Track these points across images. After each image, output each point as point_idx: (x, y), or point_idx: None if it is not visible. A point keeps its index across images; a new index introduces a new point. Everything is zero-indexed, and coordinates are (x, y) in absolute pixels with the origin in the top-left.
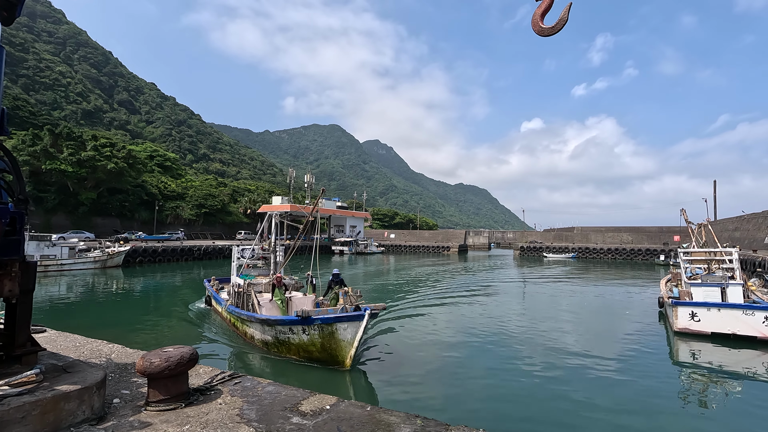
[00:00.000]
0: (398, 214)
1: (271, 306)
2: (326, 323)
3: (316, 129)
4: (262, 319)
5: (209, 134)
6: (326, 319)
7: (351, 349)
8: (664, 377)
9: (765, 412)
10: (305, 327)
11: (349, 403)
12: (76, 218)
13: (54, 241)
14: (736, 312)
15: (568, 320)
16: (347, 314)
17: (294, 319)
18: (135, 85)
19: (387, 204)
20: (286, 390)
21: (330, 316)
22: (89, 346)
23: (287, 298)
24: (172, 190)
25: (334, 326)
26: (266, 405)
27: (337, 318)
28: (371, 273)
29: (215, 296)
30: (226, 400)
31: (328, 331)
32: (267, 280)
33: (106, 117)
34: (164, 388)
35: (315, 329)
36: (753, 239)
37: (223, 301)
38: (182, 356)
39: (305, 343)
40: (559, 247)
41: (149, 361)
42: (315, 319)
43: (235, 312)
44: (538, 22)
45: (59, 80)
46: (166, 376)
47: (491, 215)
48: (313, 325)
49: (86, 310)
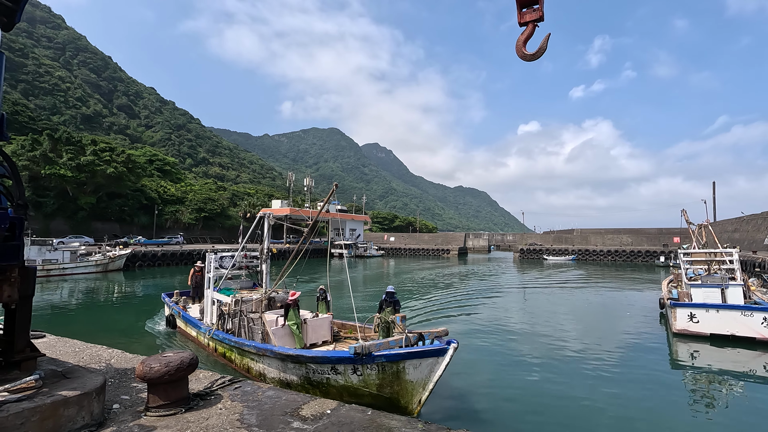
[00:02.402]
0: (398, 217)
1: (283, 333)
2: (392, 361)
3: (315, 133)
4: (287, 354)
5: (208, 138)
6: (393, 356)
7: (423, 393)
8: (663, 378)
9: (763, 412)
10: (358, 366)
11: (349, 408)
12: (75, 223)
13: (55, 246)
14: (735, 313)
15: (569, 322)
16: (422, 348)
17: (345, 356)
18: (134, 89)
19: (386, 207)
20: (287, 395)
21: (399, 352)
22: (89, 351)
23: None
24: (171, 195)
25: (403, 365)
26: (266, 410)
27: (409, 354)
28: (371, 277)
29: (187, 318)
30: (226, 405)
31: (393, 370)
32: (257, 295)
33: (106, 122)
34: (164, 394)
35: (372, 368)
36: (753, 240)
37: (203, 324)
38: (182, 361)
39: (354, 385)
40: (558, 250)
41: (149, 366)
42: (378, 356)
43: (228, 341)
44: (521, 48)
45: (58, 85)
46: (165, 382)
47: (491, 218)
48: (371, 363)
49: (87, 315)
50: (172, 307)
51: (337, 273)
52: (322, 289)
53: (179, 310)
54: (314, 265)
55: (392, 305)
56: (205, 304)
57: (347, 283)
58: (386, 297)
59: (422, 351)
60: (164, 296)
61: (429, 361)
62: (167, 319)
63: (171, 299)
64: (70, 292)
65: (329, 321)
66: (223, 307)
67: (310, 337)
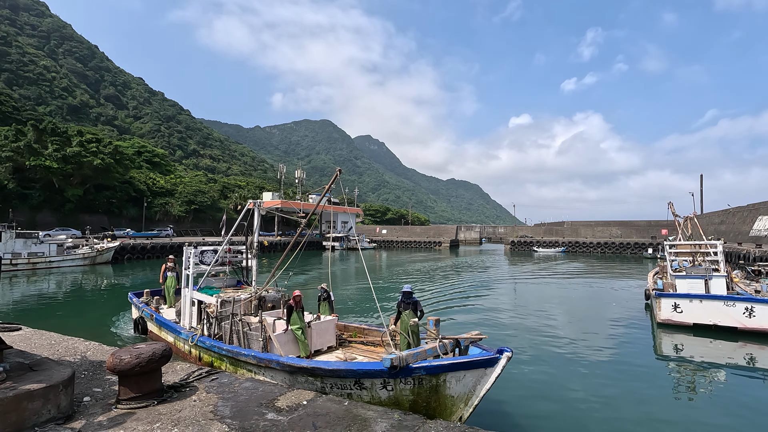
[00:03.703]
0: (390, 210)
1: (286, 339)
2: (432, 374)
3: (307, 125)
4: (299, 367)
5: (199, 130)
6: (434, 368)
7: (464, 410)
8: (646, 367)
9: (743, 399)
10: (390, 380)
11: (326, 398)
12: (62, 215)
13: (41, 238)
14: (717, 303)
15: (556, 312)
16: (470, 358)
17: (376, 369)
18: (122, 79)
19: (379, 199)
20: (264, 386)
21: (442, 363)
22: (65, 344)
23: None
24: (160, 187)
25: (444, 377)
26: (242, 401)
27: (454, 365)
28: (363, 270)
29: (162, 321)
30: (201, 397)
31: (431, 384)
32: (246, 295)
33: (93, 112)
34: (135, 386)
35: (407, 383)
36: (738, 232)
37: (183, 329)
38: (154, 353)
39: (383, 401)
40: (549, 242)
41: (119, 358)
42: (416, 368)
43: (218, 349)
44: None
45: (43, 75)
46: (137, 373)
47: (482, 210)
48: (407, 377)
49: (71, 308)
50: (141, 309)
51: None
52: (324, 288)
53: (151, 313)
54: (304, 258)
55: (411, 307)
56: (182, 306)
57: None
58: (403, 298)
59: (469, 361)
60: (131, 296)
61: (475, 373)
62: (135, 322)
63: (140, 299)
64: (55, 286)
65: (334, 324)
66: (208, 308)
67: (315, 342)
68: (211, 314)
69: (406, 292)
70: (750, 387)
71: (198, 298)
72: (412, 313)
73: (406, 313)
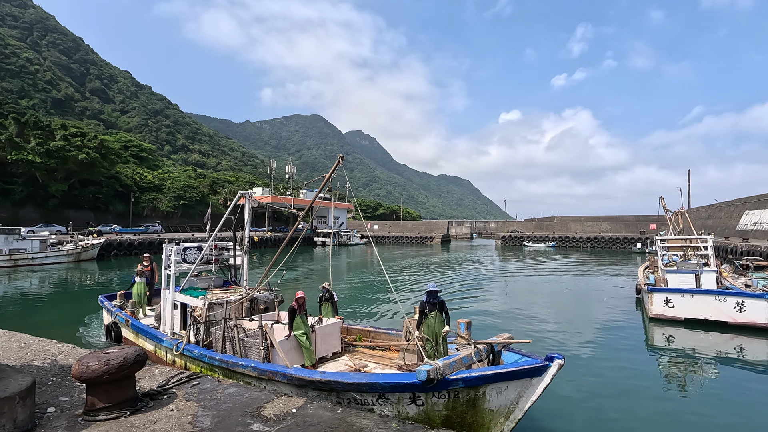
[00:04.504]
0: (381, 205)
1: (289, 347)
2: (472, 386)
3: (297, 119)
4: (311, 380)
5: (188, 125)
6: (474, 380)
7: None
8: (638, 362)
9: (734, 394)
10: (421, 394)
11: (317, 406)
12: (46, 211)
13: (24, 235)
14: (709, 298)
15: (546, 307)
16: (515, 367)
17: (407, 383)
18: (108, 73)
19: (370, 195)
20: (250, 392)
21: (483, 374)
22: (35, 346)
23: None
24: (148, 182)
25: (484, 390)
26: (224, 410)
27: (496, 375)
28: (354, 265)
29: (140, 327)
30: (179, 406)
31: (469, 397)
32: (236, 296)
33: (78, 106)
34: (105, 395)
35: (441, 396)
36: (725, 227)
37: (163, 335)
38: (125, 358)
39: (411, 417)
40: (539, 237)
41: (86, 364)
42: (454, 380)
43: (210, 359)
44: None
45: (26, 67)
46: (106, 381)
47: (473, 206)
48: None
49: (51, 307)
50: (115, 314)
51: (319, 261)
52: (326, 287)
53: (126, 317)
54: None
55: (438, 308)
56: (162, 309)
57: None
58: (428, 298)
59: (514, 371)
60: (102, 299)
61: (519, 384)
62: (108, 329)
63: (112, 303)
64: (38, 283)
65: (339, 327)
66: (195, 312)
67: (319, 349)
68: (199, 319)
69: (432, 292)
70: (742, 380)
71: (182, 301)
72: (440, 316)
73: (431, 315)
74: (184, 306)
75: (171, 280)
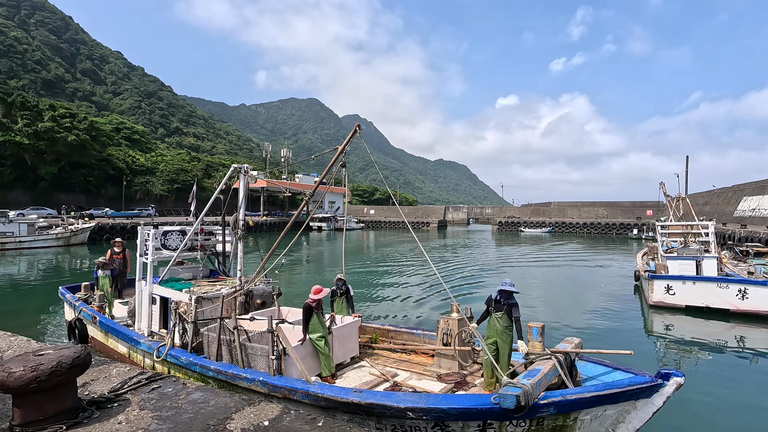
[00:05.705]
0: (378, 190)
1: (304, 353)
2: (565, 411)
3: (293, 103)
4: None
5: (182, 107)
6: (569, 404)
7: None
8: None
9: (736, 382)
10: (494, 422)
11: (295, 417)
12: (35, 194)
13: (11, 218)
14: (711, 285)
15: (543, 293)
16: (618, 388)
17: (483, 408)
18: (99, 53)
19: (367, 180)
20: (217, 398)
21: (580, 396)
22: None
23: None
24: (141, 165)
25: (576, 416)
26: (183, 422)
27: (596, 398)
28: (350, 249)
29: (110, 325)
30: (130, 417)
31: (556, 425)
32: (228, 289)
33: (69, 87)
34: (35, 407)
35: (519, 425)
36: (722, 213)
37: (139, 335)
38: (60, 362)
39: None
40: (535, 222)
41: (8, 371)
42: (545, 405)
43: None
44: None
45: (15, 46)
46: (34, 391)
47: (470, 191)
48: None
49: (33, 293)
50: (78, 309)
51: (314, 246)
52: (341, 279)
53: (93, 314)
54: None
55: (506, 309)
56: (137, 304)
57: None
58: (499, 296)
59: (620, 392)
60: (63, 291)
61: (621, 408)
62: (70, 326)
63: (76, 295)
64: (25, 268)
65: (357, 328)
66: (180, 309)
67: (336, 354)
68: (186, 317)
69: (505, 291)
70: (744, 368)
71: (162, 294)
72: (506, 320)
73: (497, 315)
74: (165, 300)
75: (148, 269)
